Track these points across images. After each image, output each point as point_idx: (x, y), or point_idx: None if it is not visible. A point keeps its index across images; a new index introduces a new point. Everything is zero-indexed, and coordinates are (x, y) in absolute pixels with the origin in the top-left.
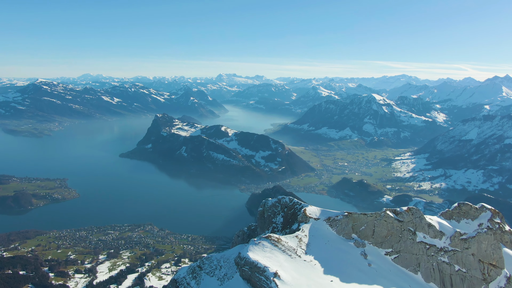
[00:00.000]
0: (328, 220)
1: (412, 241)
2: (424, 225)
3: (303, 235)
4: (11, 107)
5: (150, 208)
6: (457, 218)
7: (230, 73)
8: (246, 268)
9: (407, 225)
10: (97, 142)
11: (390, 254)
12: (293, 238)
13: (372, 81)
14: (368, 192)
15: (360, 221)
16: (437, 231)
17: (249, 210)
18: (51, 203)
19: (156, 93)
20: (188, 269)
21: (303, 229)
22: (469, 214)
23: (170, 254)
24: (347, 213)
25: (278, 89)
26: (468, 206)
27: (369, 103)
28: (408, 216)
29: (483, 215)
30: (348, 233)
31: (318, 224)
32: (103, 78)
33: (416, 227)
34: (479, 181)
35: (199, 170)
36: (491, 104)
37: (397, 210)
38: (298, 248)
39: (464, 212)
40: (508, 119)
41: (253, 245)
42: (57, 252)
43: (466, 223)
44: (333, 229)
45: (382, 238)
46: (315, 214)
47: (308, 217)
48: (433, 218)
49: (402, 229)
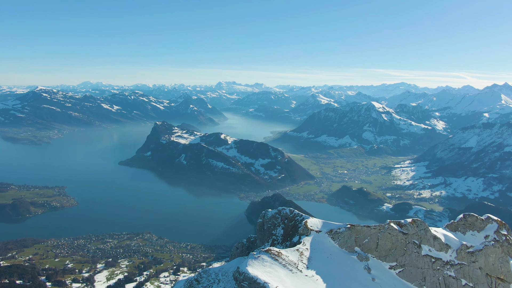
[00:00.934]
0: (330, 232)
1: (417, 255)
2: (430, 237)
3: (304, 249)
4: (11, 115)
5: (149, 216)
6: (463, 229)
7: (229, 81)
8: (245, 284)
9: (412, 238)
10: (96, 150)
11: (394, 268)
12: (294, 251)
13: (371, 89)
14: (368, 200)
15: (363, 234)
16: (443, 243)
17: (248, 218)
18: (49, 211)
19: (156, 101)
20: (186, 282)
21: (304, 242)
22: (475, 226)
23: (169, 263)
24: (349, 225)
25: (278, 97)
26: (473, 217)
27: (368, 111)
28: (412, 228)
29: (489, 226)
30: (351, 246)
31: (320, 237)
32: (103, 85)
33: (421, 240)
34: (479, 189)
35: (199, 178)
36: (490, 112)
37: (401, 222)
38: (299, 262)
39: (469, 224)
40: (507, 127)
41: (252, 259)
42: (55, 261)
43: (472, 235)
44: (335, 242)
45: (386, 251)
46: (316, 226)
47: (310, 230)
48: (438, 230)
49: (407, 242)
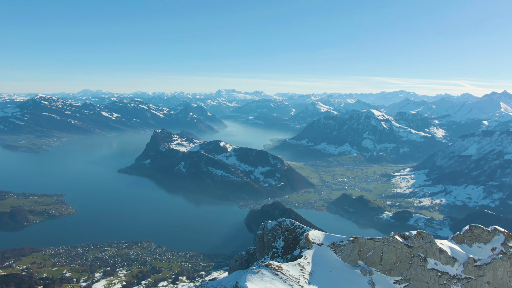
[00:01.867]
0: (332, 245)
1: (423, 268)
2: (435, 250)
3: (306, 263)
4: (10, 122)
5: (147, 225)
6: (469, 242)
7: (229, 89)
8: None
9: (417, 251)
10: (95, 158)
11: (399, 283)
12: (295, 266)
13: (371, 96)
14: (368, 208)
15: (367, 247)
16: (449, 257)
17: (248, 227)
18: (48, 219)
19: (155, 109)
20: None
21: (306, 255)
22: (481, 238)
23: (168, 272)
24: (352, 238)
25: (277, 105)
26: (480, 229)
27: (368, 119)
28: (418, 241)
29: (496, 238)
30: (354, 260)
31: (322, 250)
32: (102, 93)
33: (427, 253)
34: (480, 197)
35: (198, 185)
36: (490, 119)
37: (406, 235)
38: (301, 277)
39: (476, 236)
40: (507, 134)
41: (251, 274)
42: (52, 270)
43: (478, 247)
44: (337, 256)
45: (390, 265)
46: (318, 239)
47: (311, 243)
48: (444, 243)
49: (412, 255)
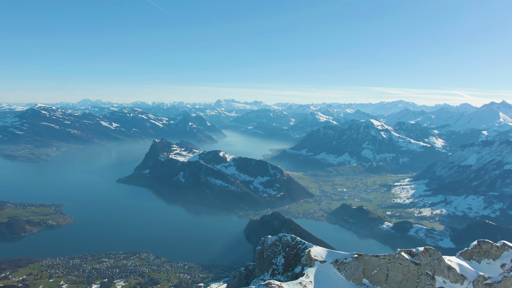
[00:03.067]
0: (335, 263)
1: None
2: (444, 267)
3: (308, 282)
4: (9, 132)
5: (146, 235)
6: (478, 258)
7: (228, 99)
8: None
9: (425, 268)
10: (94, 167)
11: None
12: (296, 285)
13: (370, 106)
14: (368, 219)
15: (372, 264)
16: (458, 274)
17: (247, 237)
18: (45, 229)
19: (155, 118)
20: None
21: (308, 274)
22: (490, 254)
23: (166, 283)
24: (356, 255)
25: (277, 115)
26: (488, 244)
27: (367, 129)
28: (425, 258)
29: (505, 254)
30: (358, 278)
31: (325, 268)
32: (102, 103)
33: (435, 271)
34: (480, 207)
35: (197, 196)
36: (489, 129)
37: (412, 251)
38: None
39: (484, 251)
40: (506, 144)
41: None
42: (49, 281)
43: (487, 264)
44: (341, 274)
45: (397, 284)
46: (320, 256)
47: (313, 260)
48: (452, 260)
49: (419, 273)
